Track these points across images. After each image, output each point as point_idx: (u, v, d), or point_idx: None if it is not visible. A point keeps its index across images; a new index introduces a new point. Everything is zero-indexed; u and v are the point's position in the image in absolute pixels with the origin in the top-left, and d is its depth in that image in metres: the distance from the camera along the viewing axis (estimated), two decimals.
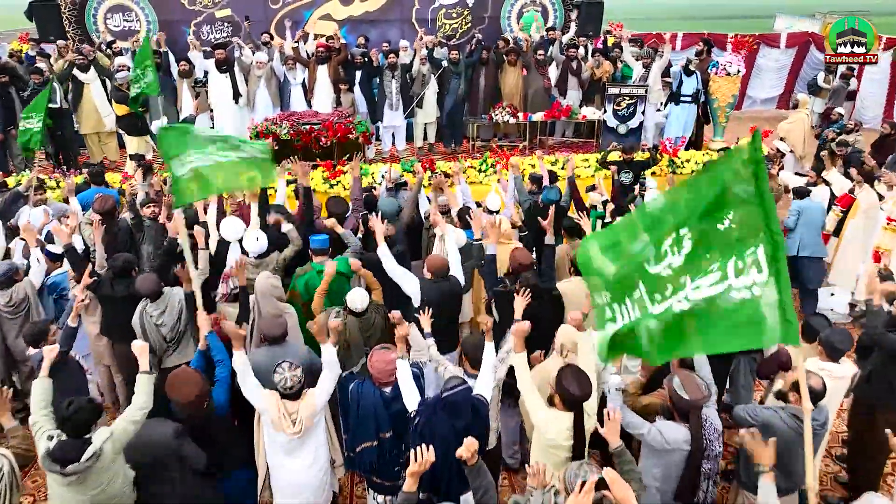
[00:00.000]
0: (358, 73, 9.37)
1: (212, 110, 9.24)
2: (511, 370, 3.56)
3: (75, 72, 8.62)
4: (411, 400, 3.40)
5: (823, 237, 6.59)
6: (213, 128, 9.38)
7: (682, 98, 8.87)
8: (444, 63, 9.32)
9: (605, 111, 9.01)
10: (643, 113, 8.91)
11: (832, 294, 6.86)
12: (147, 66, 7.70)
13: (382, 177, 7.87)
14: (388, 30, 12.59)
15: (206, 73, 9.13)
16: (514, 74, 9.88)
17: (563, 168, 8.20)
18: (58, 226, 5.19)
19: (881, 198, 6.50)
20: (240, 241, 5.08)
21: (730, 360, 4.30)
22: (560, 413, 3.20)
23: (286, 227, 5.31)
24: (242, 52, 9.22)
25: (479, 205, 5.95)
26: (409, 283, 4.52)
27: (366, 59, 9.30)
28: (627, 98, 8.82)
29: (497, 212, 5.88)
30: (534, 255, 5.31)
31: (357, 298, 4.28)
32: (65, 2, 11.34)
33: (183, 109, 9.03)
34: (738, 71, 8.67)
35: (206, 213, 5.52)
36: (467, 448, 2.75)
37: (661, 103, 9.26)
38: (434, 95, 9.55)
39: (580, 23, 11.62)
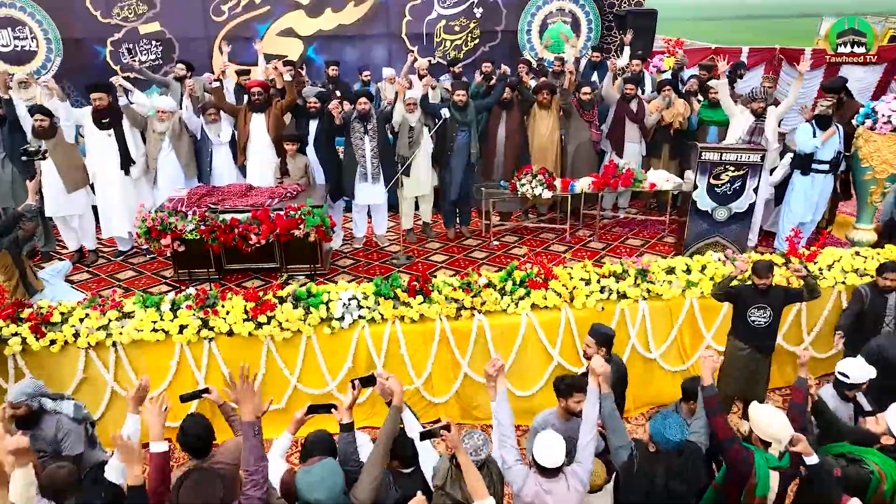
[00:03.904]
0: (314, 125, 6.18)
1: (92, 185, 6.07)
2: None
3: None
4: None
5: None
6: (95, 209, 6.22)
7: (815, 165, 5.68)
8: (445, 112, 6.07)
9: (695, 186, 5.78)
10: (755, 191, 5.69)
11: None
12: None
13: (345, 301, 4.72)
14: (370, 48, 9.74)
15: (78, 130, 5.92)
16: (547, 122, 6.70)
17: (638, 283, 5.07)
18: None
19: None
20: None
21: None
22: None
23: None
24: (133, 97, 6.01)
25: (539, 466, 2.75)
26: None
27: (323, 105, 6.09)
28: (732, 169, 5.63)
29: (558, 471, 2.73)
30: None
31: None
32: None
33: (46, 186, 5.77)
34: None
35: None
36: None
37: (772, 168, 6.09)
38: (428, 156, 6.35)
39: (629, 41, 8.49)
